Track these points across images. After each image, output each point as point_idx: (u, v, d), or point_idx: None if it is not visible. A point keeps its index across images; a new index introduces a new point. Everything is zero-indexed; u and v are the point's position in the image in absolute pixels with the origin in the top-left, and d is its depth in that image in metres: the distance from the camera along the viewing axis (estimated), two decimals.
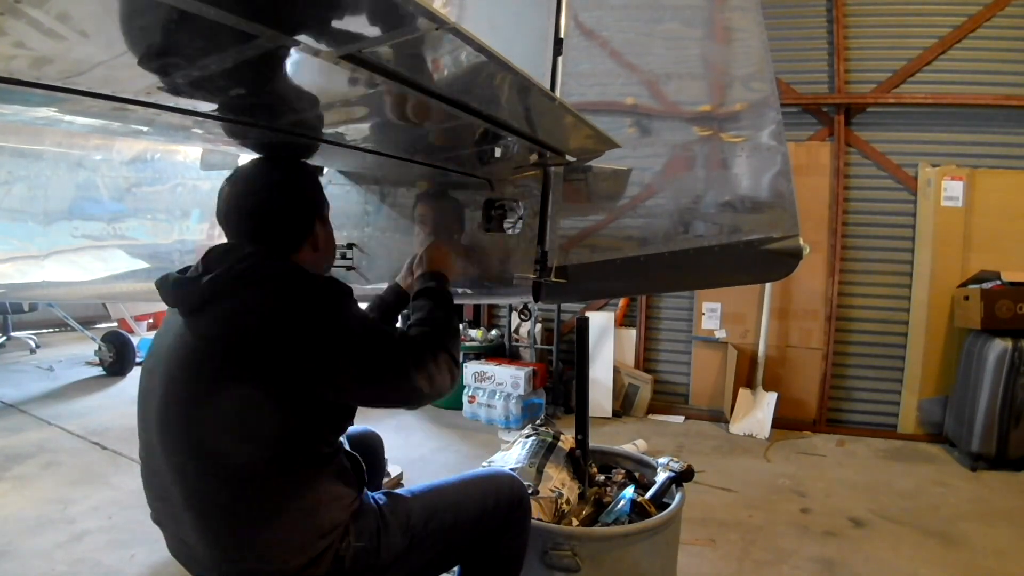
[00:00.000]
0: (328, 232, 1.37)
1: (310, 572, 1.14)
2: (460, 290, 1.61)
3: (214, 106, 0.99)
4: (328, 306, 1.17)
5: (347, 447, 1.32)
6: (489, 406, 4.46)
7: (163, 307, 1.30)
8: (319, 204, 1.33)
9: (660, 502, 1.89)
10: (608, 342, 4.71)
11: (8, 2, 0.57)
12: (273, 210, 1.26)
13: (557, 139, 1.31)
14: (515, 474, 1.58)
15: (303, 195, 1.30)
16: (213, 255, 1.22)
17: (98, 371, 5.55)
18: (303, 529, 1.14)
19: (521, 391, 4.39)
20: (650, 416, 4.65)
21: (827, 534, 2.78)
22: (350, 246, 1.68)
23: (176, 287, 1.21)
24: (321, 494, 1.16)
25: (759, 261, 1.38)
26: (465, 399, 4.60)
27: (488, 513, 1.39)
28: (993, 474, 3.54)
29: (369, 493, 1.31)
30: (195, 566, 1.22)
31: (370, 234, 1.67)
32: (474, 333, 5.08)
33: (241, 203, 1.25)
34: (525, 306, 4.89)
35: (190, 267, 1.24)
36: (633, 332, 4.85)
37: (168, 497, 1.17)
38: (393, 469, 3.04)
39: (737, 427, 4.29)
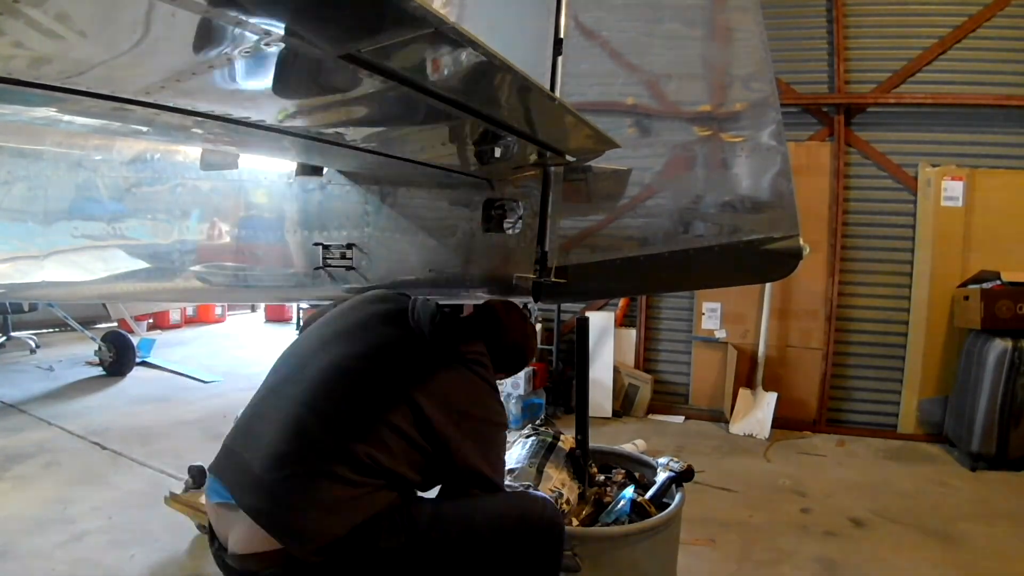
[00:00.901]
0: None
1: (336, 546, 1.18)
2: (460, 291, 1.61)
3: (214, 106, 0.99)
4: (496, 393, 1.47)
5: None
6: None
7: (163, 307, 1.30)
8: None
9: (660, 502, 1.89)
10: (608, 342, 4.71)
11: (7, 2, 0.57)
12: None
13: (557, 139, 1.31)
14: (551, 501, 1.51)
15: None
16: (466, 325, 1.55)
17: (98, 371, 5.55)
18: (352, 516, 1.21)
19: (521, 391, 4.38)
20: (650, 416, 4.65)
21: (827, 534, 2.78)
22: (350, 246, 1.68)
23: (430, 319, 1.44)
24: (381, 504, 1.24)
25: (759, 261, 1.39)
26: None
27: (505, 533, 1.32)
28: (993, 474, 3.54)
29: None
30: (239, 491, 1.24)
31: (370, 234, 1.67)
32: None
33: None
34: (525, 306, 4.88)
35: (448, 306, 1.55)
36: (633, 332, 4.85)
37: (259, 434, 1.28)
38: None
39: (737, 427, 4.29)
